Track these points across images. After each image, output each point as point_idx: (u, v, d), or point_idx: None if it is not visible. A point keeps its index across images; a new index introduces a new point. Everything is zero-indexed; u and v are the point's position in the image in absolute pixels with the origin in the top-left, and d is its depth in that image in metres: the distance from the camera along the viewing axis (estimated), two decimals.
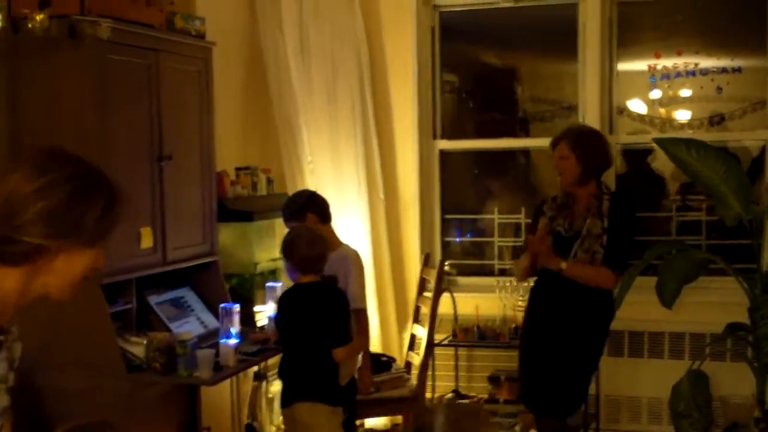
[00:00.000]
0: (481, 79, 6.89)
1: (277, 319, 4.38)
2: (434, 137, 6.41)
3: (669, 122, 6.13)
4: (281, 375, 4.36)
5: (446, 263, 5.96)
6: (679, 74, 6.02)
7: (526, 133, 6.61)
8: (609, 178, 5.60)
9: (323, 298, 4.26)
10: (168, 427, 4.46)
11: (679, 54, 6.01)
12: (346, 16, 6.09)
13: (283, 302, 4.35)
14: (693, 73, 6.00)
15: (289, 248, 4.26)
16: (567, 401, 4.57)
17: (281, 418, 5.60)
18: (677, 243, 5.76)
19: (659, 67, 6.05)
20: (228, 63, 5.61)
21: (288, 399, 4.26)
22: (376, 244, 6.14)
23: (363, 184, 6.12)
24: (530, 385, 4.62)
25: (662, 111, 6.16)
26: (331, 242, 4.71)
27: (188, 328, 4.62)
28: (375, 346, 5.59)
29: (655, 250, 5.25)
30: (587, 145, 4.49)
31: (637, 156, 6.24)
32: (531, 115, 6.63)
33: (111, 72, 4.16)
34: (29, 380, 4.13)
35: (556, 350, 4.47)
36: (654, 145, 5.52)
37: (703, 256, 5.44)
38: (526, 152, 6.67)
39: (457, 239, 6.59)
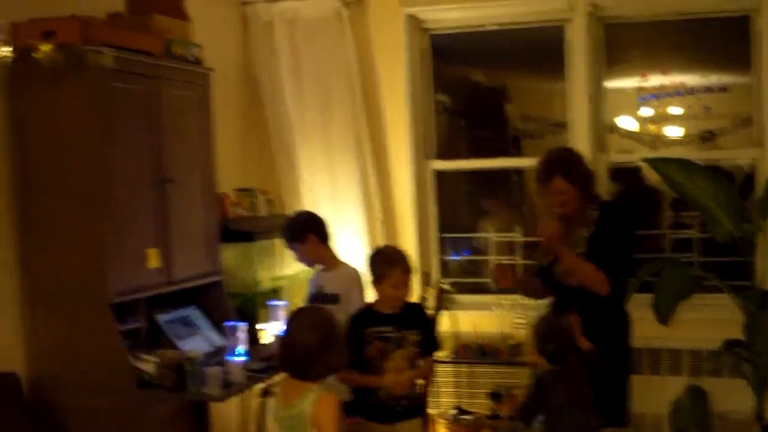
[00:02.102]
0: (472, 99, 6.96)
1: None
2: (428, 157, 6.52)
3: (659, 139, 6.21)
4: None
5: (445, 282, 6.04)
6: (667, 94, 6.11)
7: (518, 151, 6.68)
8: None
9: None
10: None
11: (665, 74, 6.12)
12: (338, 42, 6.21)
13: None
14: (680, 93, 6.10)
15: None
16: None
17: None
18: (671, 260, 5.83)
19: (647, 86, 6.15)
20: (224, 88, 5.73)
21: None
22: None
23: (360, 204, 6.22)
24: None
25: (652, 128, 6.22)
26: (332, 261, 4.82)
27: (195, 345, 4.72)
28: None
29: (649, 267, 5.33)
30: (579, 170, 4.44)
31: (631, 172, 6.27)
32: (522, 133, 6.71)
33: (114, 99, 4.29)
34: (45, 399, 4.25)
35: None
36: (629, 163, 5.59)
37: (697, 272, 5.48)
38: (518, 171, 6.77)
39: (455, 257, 6.67)
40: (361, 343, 4.19)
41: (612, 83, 6.24)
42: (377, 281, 4.27)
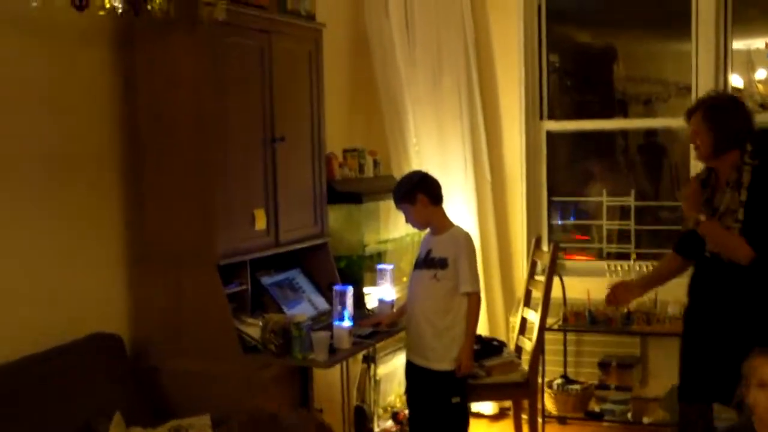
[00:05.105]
0: (582, 60, 6.79)
1: None
2: (541, 118, 6.31)
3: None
4: None
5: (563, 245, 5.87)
6: None
7: (624, 114, 6.50)
8: None
9: None
10: (282, 408, 4.47)
11: None
12: (452, 0, 6.03)
13: None
14: None
15: None
16: None
17: (390, 398, 5.63)
18: None
19: None
20: (333, 45, 5.55)
21: None
22: (483, 227, 6.09)
23: (469, 166, 6.07)
24: (702, 377, 4.30)
25: (760, 87, 5.99)
26: (442, 224, 4.65)
27: (300, 309, 4.62)
28: (482, 329, 5.53)
29: None
30: (721, 115, 4.19)
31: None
32: (632, 97, 6.50)
33: (226, 54, 4.16)
34: (148, 362, 4.20)
35: (730, 340, 4.15)
36: None
37: None
38: (624, 134, 6.55)
39: (560, 222, 6.51)
40: None
41: (737, 43, 5.95)
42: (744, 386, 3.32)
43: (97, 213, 4.17)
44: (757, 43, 5.95)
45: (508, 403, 5.81)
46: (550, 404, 5.89)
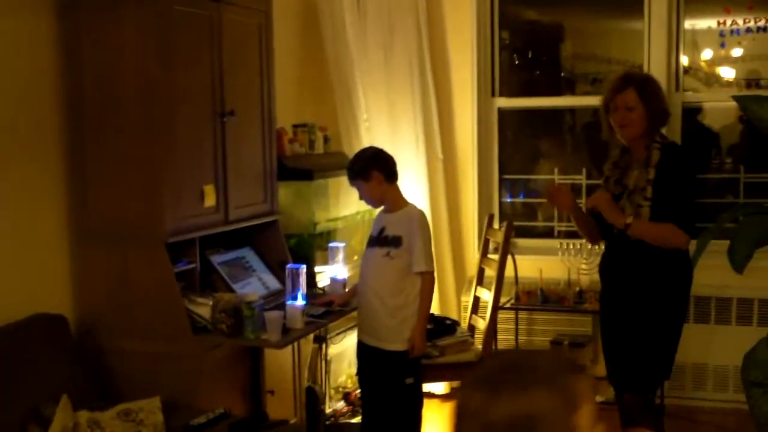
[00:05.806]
0: (531, 37, 6.71)
1: None
2: (492, 95, 6.22)
3: (716, 78, 5.97)
4: None
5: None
6: (750, 30, 5.81)
7: (571, 92, 6.47)
8: (674, 136, 5.47)
9: None
10: (232, 390, 4.35)
11: (750, 9, 5.80)
12: None
13: None
14: (765, 29, 5.77)
15: None
16: (649, 375, 4.19)
17: (341, 379, 5.52)
18: (752, 205, 5.55)
19: (729, 22, 5.84)
20: (283, 18, 5.43)
21: None
22: (434, 205, 6.00)
23: (420, 143, 5.97)
24: (612, 360, 4.30)
25: (703, 65, 5.99)
26: (397, 202, 4.55)
27: (250, 288, 4.49)
28: (434, 308, 5.43)
29: (731, 212, 5.04)
30: (654, 93, 4.10)
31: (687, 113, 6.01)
32: (579, 75, 6.46)
33: (174, 23, 4.00)
34: (94, 343, 4.06)
35: (633, 320, 4.14)
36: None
37: None
38: (572, 112, 6.51)
39: (510, 199, 6.43)
40: None
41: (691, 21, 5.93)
42: None
43: (39, 189, 4.01)
44: (701, 23, 5.91)
45: (459, 383, 5.72)
46: None
